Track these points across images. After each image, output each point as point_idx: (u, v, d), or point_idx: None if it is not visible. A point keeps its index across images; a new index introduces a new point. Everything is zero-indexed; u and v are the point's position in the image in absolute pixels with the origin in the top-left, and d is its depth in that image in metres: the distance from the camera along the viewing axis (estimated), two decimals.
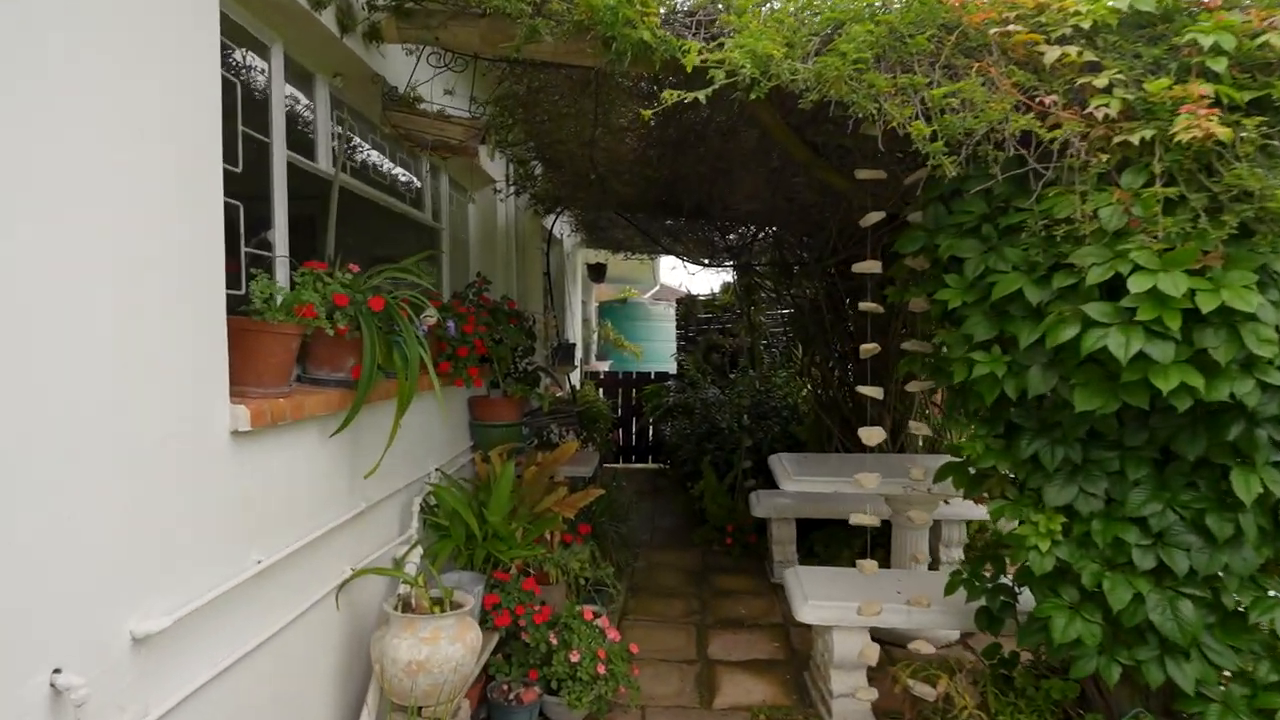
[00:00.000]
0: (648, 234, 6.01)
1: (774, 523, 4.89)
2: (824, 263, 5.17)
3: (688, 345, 9.10)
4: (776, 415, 6.50)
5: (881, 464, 4.17)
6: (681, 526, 6.17)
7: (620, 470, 8.55)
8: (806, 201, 4.13)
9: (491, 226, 4.69)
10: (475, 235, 4.66)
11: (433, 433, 3.28)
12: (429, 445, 3.22)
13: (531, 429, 4.55)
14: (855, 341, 5.50)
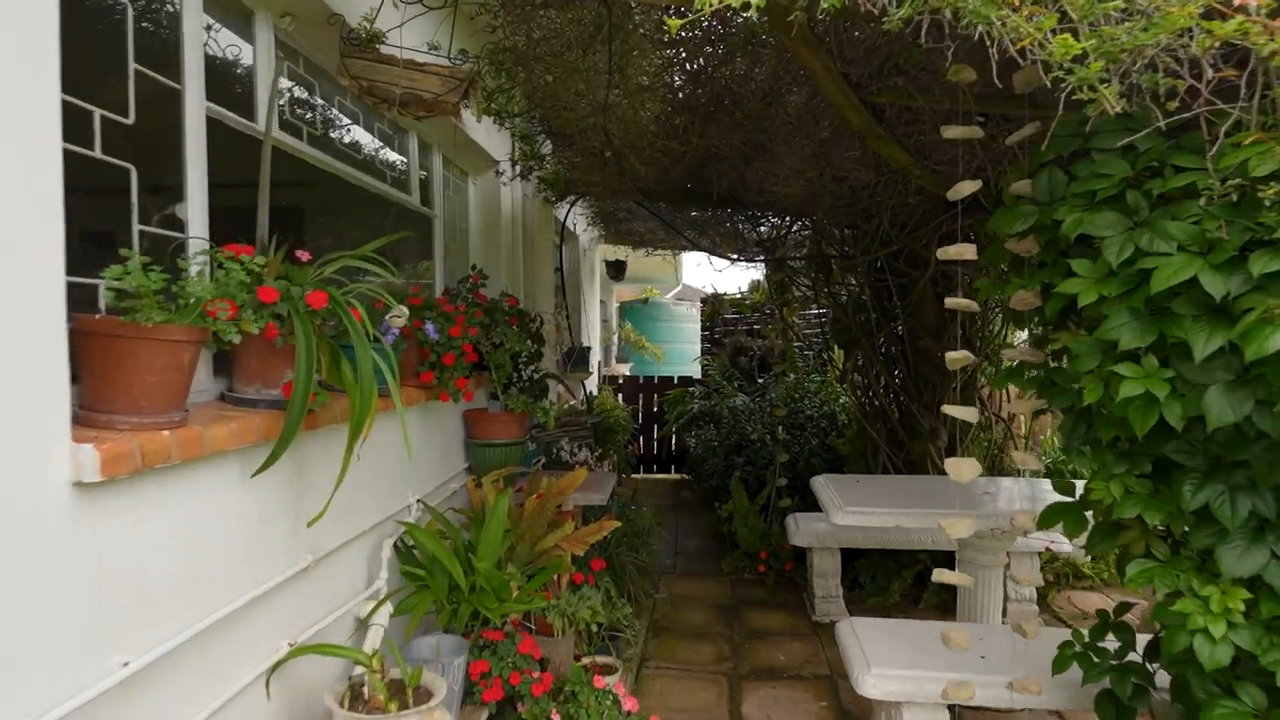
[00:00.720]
0: (671, 225, 5.43)
1: (815, 552, 4.29)
2: (871, 255, 4.55)
3: (713, 347, 8.50)
4: (813, 425, 5.88)
5: (944, 493, 3.55)
6: (708, 550, 5.57)
7: (640, 482, 7.98)
8: (858, 182, 3.52)
9: (494, 215, 4.14)
10: (476, 225, 4.11)
11: (412, 457, 2.73)
12: (407, 472, 2.67)
13: (539, 445, 3.98)
14: (905, 345, 4.87)
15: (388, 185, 3.03)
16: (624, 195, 4.62)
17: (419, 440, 2.80)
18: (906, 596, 4.56)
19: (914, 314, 4.82)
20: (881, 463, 4.91)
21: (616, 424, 5.64)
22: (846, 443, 5.39)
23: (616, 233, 6.75)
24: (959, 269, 4.61)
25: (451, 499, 3.14)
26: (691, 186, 4.54)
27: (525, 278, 4.55)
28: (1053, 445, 5.34)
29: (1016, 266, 2.24)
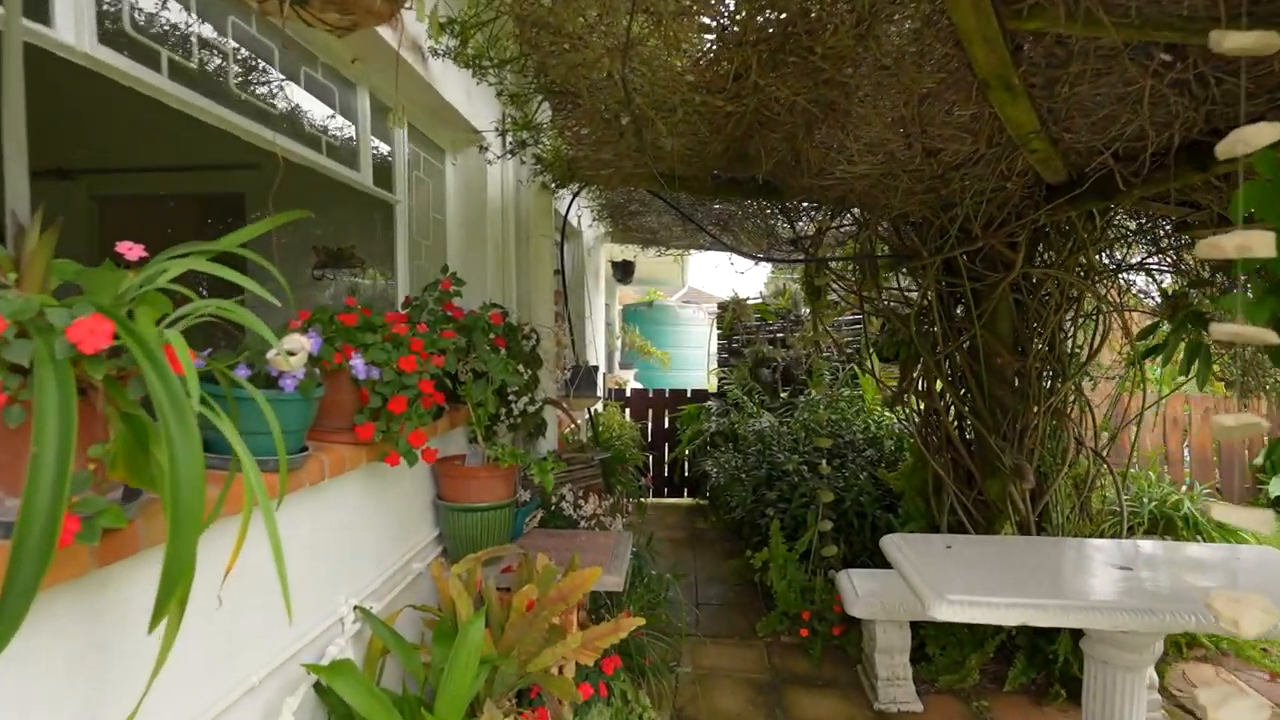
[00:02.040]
0: (692, 220, 4.59)
1: (879, 625, 3.44)
2: (948, 253, 3.70)
3: (731, 357, 7.66)
4: (858, 456, 5.04)
5: (1059, 563, 2.71)
6: (734, 602, 4.73)
7: (650, 508, 7.14)
8: (952, 159, 2.68)
9: (479, 204, 3.30)
10: (455, 217, 3.28)
11: (348, 541, 1.89)
12: (339, 565, 1.83)
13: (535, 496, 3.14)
14: (977, 362, 4.02)
15: (321, 155, 2.19)
16: (641, 182, 3.78)
17: (360, 517, 1.96)
18: (987, 673, 3.71)
19: (988, 326, 3.98)
20: (949, 504, 4.06)
21: (626, 451, 4.79)
22: (900, 477, 4.55)
23: (625, 228, 5.91)
24: (1050, 272, 3.77)
25: (413, 586, 2.30)
26: (724, 173, 3.70)
27: (518, 283, 3.71)
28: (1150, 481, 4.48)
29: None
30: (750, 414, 6.50)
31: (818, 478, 4.61)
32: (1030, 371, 3.90)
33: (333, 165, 2.26)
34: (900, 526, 4.26)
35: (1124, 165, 2.57)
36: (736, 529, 5.88)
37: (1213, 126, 2.21)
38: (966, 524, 4.00)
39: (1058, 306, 3.90)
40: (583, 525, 3.10)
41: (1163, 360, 3.59)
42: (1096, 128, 2.34)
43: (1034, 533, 3.89)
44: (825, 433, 4.83)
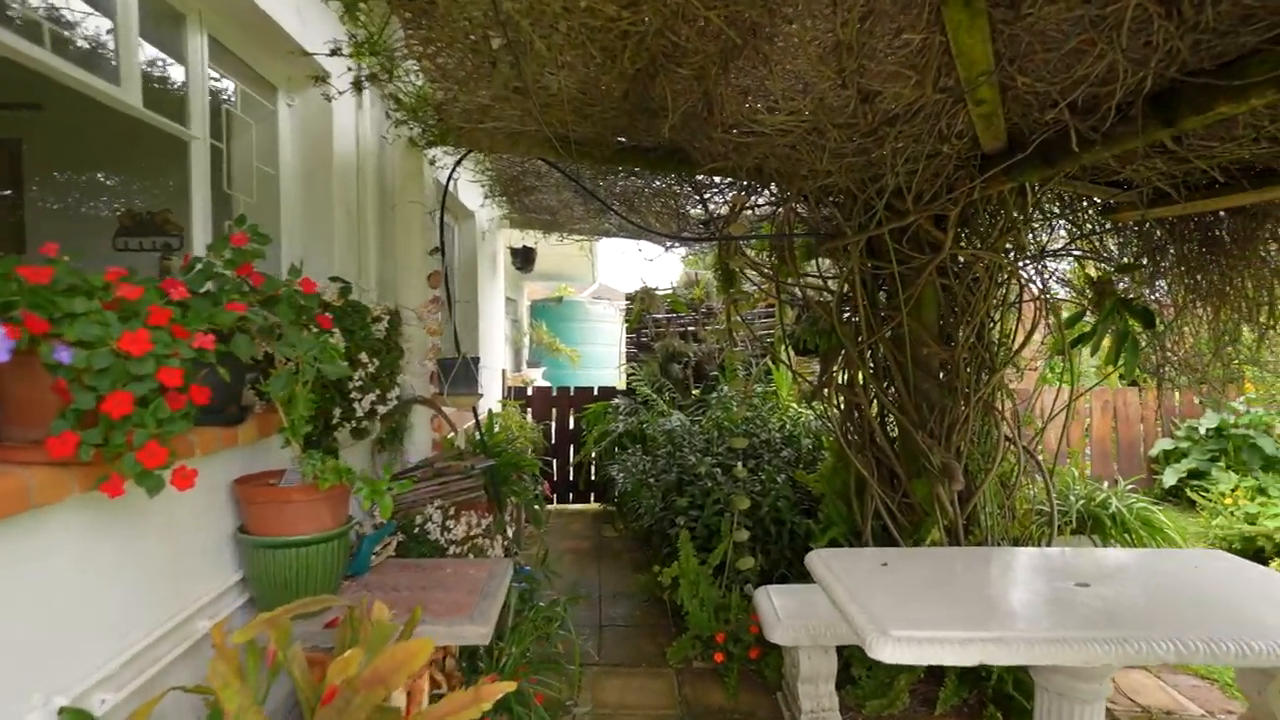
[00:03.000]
0: (594, 195, 4.06)
1: (803, 651, 3.02)
2: (873, 230, 3.33)
3: (640, 352, 7.20)
4: (774, 457, 4.65)
5: (1008, 577, 2.36)
6: (642, 622, 4.24)
7: (554, 515, 6.58)
8: (889, 109, 2.27)
9: (323, 157, 2.67)
10: (292, 171, 2.64)
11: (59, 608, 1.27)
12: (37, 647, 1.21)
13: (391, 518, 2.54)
14: (901, 353, 3.69)
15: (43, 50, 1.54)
16: (531, 147, 3.23)
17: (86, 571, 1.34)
18: (917, 695, 3.37)
19: (913, 313, 3.65)
20: (873, 508, 3.71)
21: (521, 460, 4.23)
22: (820, 479, 4.18)
23: (522, 209, 5.33)
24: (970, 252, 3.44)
25: (195, 653, 1.68)
26: (627, 138, 3.20)
27: (381, 259, 3.08)
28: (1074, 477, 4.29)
29: None
30: (660, 412, 6.05)
31: (732, 482, 4.19)
32: (958, 363, 3.59)
33: (65, 68, 1.60)
34: (821, 534, 3.89)
35: (1081, 119, 2.23)
36: (645, 538, 5.41)
37: (1191, 68, 1.87)
38: (891, 529, 3.66)
39: (986, 292, 3.61)
40: (452, 552, 2.53)
41: (1091, 349, 3.34)
42: (1058, 67, 1.97)
43: (963, 536, 3.58)
44: (740, 432, 4.42)
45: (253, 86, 2.45)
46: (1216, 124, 2.35)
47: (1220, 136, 2.46)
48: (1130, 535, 3.67)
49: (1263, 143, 2.34)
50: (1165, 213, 3.45)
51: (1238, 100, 1.87)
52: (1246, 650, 1.86)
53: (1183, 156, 2.58)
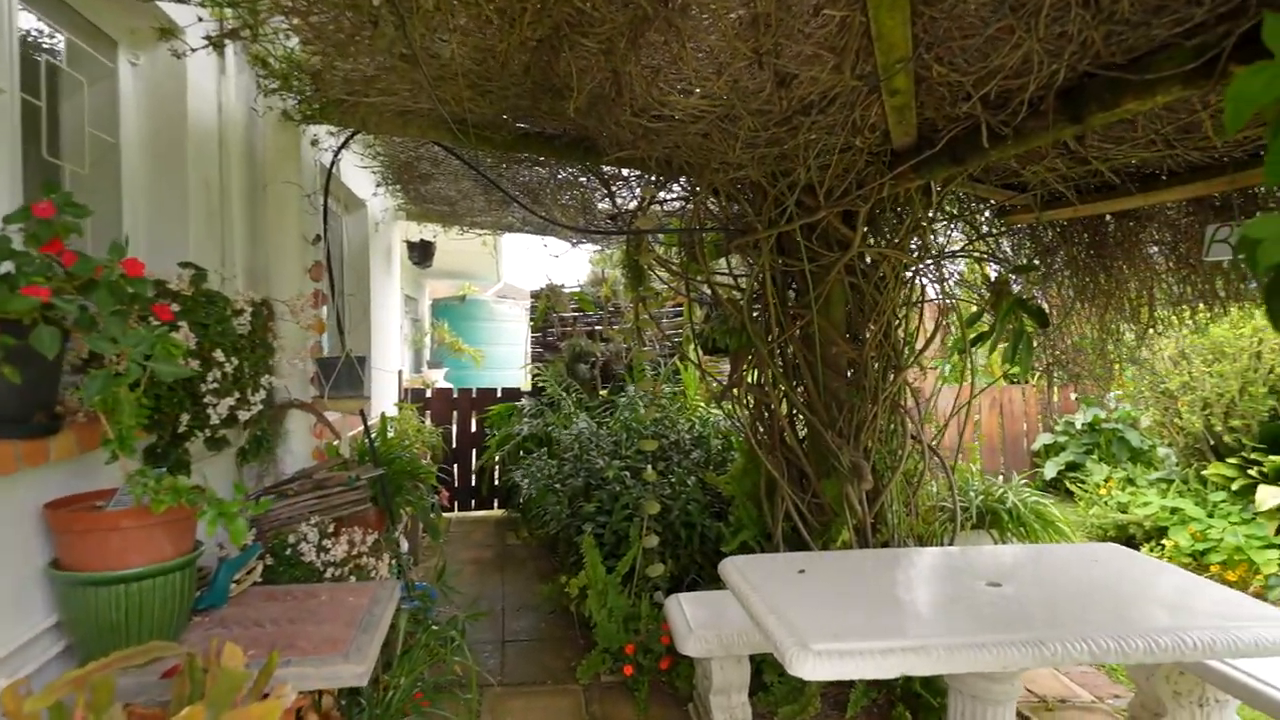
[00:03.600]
0: (495, 184, 3.82)
1: (716, 662, 2.90)
2: (784, 226, 3.26)
3: (546, 352, 6.96)
4: (683, 455, 4.55)
5: (924, 578, 2.32)
6: (549, 635, 4.03)
7: (455, 523, 6.26)
8: (806, 95, 2.17)
9: (176, 126, 2.33)
10: (137, 139, 2.28)
11: None
12: None
13: (255, 540, 2.23)
14: (811, 351, 3.64)
15: None
16: (424, 129, 2.97)
17: None
18: (828, 698, 3.33)
19: (822, 311, 3.61)
20: (785, 509, 3.65)
21: (417, 467, 3.93)
22: (730, 481, 4.09)
23: (419, 198, 5.00)
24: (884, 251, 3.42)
25: None
26: (529, 122, 2.99)
27: (250, 246, 2.74)
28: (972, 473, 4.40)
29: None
30: (567, 414, 5.85)
31: (642, 485, 4.04)
32: (866, 361, 3.58)
33: None
34: (732, 537, 3.80)
35: (993, 113, 2.20)
36: (551, 545, 5.20)
37: (1103, 61, 1.86)
38: (802, 529, 3.61)
39: (893, 291, 3.61)
40: (330, 575, 2.25)
41: (990, 348, 3.40)
42: (975, 56, 1.92)
43: (870, 535, 3.58)
44: (650, 434, 4.29)
45: (85, 38, 2.08)
46: (1116, 125, 2.39)
47: (1118, 138, 2.51)
48: (1026, 529, 3.78)
49: (1158, 144, 2.40)
50: (1058, 215, 3.55)
51: (1144, 96, 1.87)
52: (1154, 647, 1.86)
53: (1083, 158, 2.62)
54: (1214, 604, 2.11)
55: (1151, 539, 5.50)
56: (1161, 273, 3.53)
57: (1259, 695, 2.39)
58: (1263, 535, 4.85)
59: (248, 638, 1.70)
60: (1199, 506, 5.35)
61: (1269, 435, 5.36)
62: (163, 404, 1.78)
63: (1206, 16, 1.61)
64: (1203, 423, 5.66)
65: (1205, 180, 2.77)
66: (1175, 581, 2.34)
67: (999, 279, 3.68)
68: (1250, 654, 1.88)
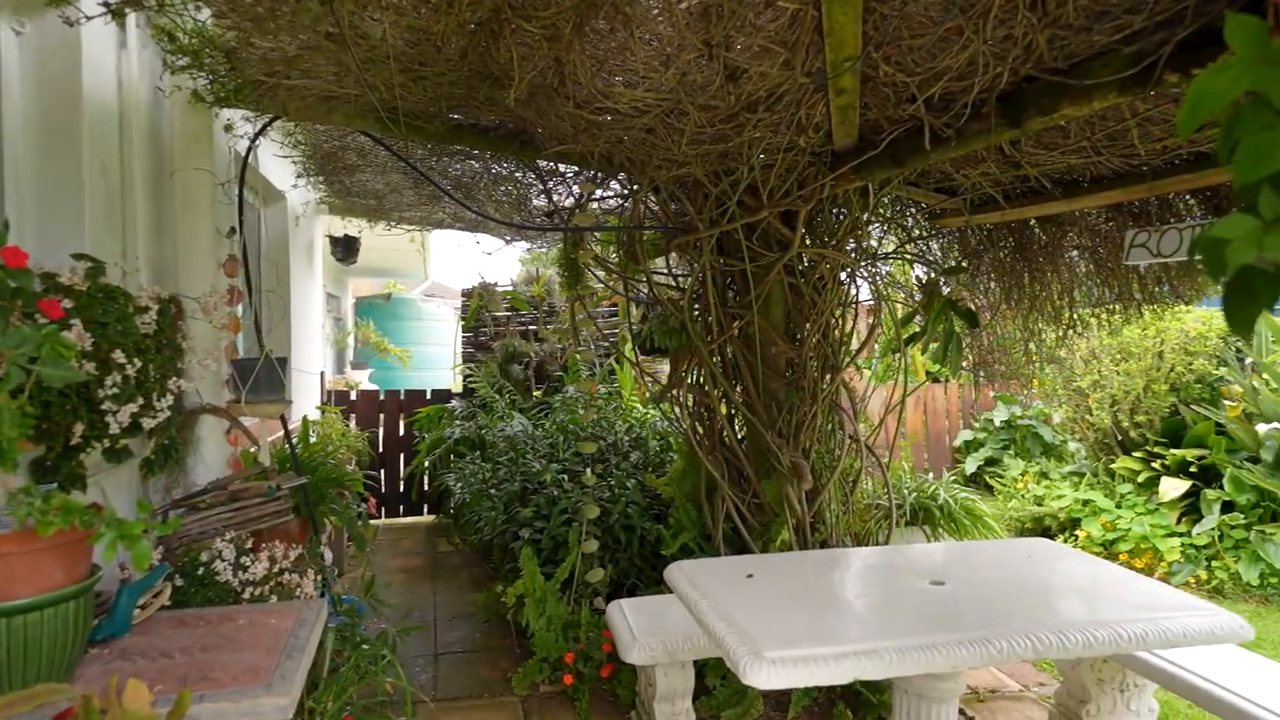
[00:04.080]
0: (427, 178, 3.65)
1: (660, 669, 2.84)
2: (726, 225, 3.23)
3: (478, 352, 6.78)
4: (621, 457, 4.48)
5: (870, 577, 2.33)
6: (485, 645, 3.90)
7: (383, 531, 6.01)
8: (752, 89, 2.14)
9: (68, 103, 2.10)
10: (24, 116, 2.05)
11: None
12: None
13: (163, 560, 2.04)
14: (751, 352, 3.64)
15: None
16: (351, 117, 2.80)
17: None
18: (770, 699, 3.32)
19: (762, 311, 3.62)
20: (726, 511, 3.64)
21: (342, 474, 3.73)
22: (670, 483, 4.05)
23: (344, 191, 4.76)
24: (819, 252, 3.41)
25: None
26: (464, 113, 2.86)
27: (157, 238, 2.52)
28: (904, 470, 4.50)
29: None
30: (500, 415, 5.69)
31: (580, 489, 3.95)
32: (805, 361, 3.60)
33: None
34: (672, 539, 3.76)
35: (935, 115, 2.22)
36: (485, 551, 5.05)
37: (1045, 65, 1.89)
38: (742, 530, 3.60)
39: (831, 292, 3.64)
40: (249, 595, 2.07)
41: (922, 348, 3.47)
42: (922, 56, 1.92)
43: (809, 534, 3.60)
44: (588, 435, 4.20)
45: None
46: (1050, 131, 2.46)
47: (1050, 144, 2.58)
48: (956, 524, 3.88)
49: (1087, 151, 2.48)
50: (986, 219, 3.66)
51: (1081, 102, 1.91)
52: (1092, 641, 1.91)
53: (1016, 162, 2.69)
54: (1143, 595, 2.18)
55: (1065, 529, 5.77)
56: (1082, 275, 3.68)
57: (1175, 679, 2.50)
58: (1166, 524, 5.15)
59: (155, 671, 1.53)
60: (1108, 498, 5.64)
61: (1170, 430, 5.70)
62: (53, 412, 1.59)
63: (1145, 24, 1.64)
64: (1111, 419, 5.97)
65: (1124, 187, 2.89)
66: (1104, 574, 2.42)
67: (930, 281, 3.78)
68: (1180, 644, 1.94)
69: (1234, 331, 1.04)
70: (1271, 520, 4.81)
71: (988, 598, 2.15)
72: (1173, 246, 2.71)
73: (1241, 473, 4.95)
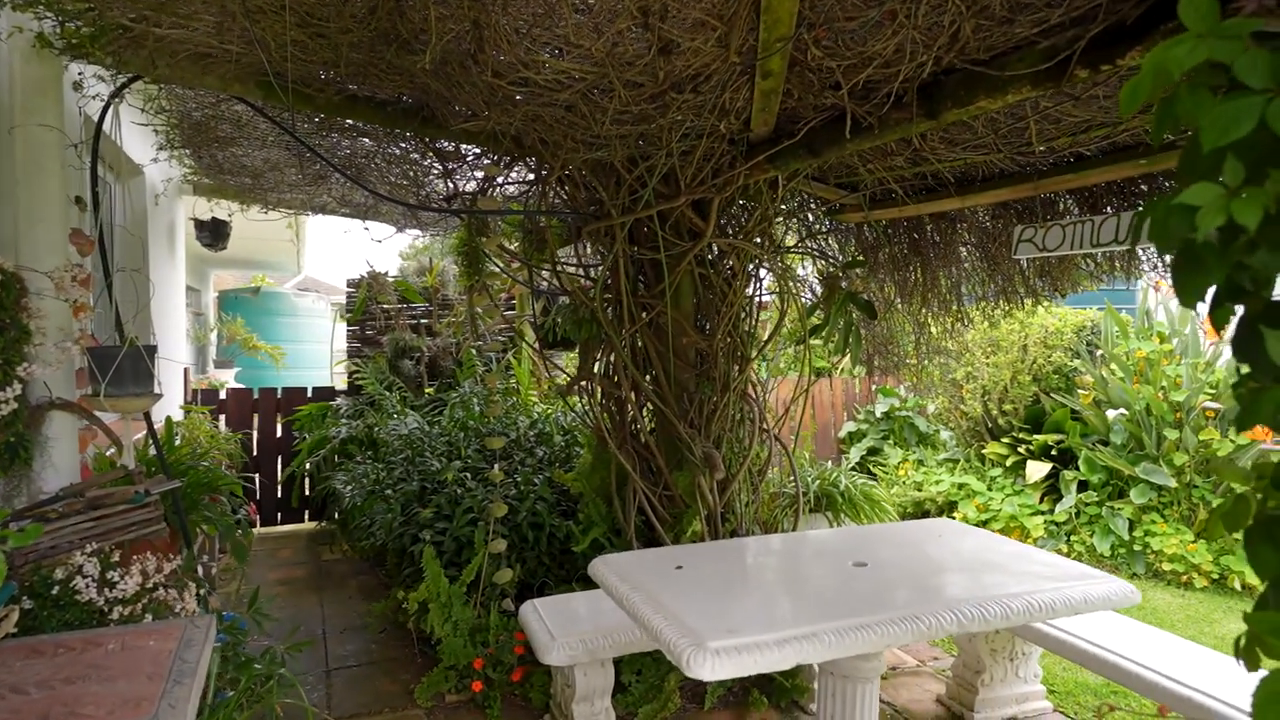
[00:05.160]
0: (315, 152, 3.35)
1: (579, 669, 2.74)
2: (642, 211, 3.17)
3: (365, 346, 6.39)
4: (526, 452, 4.33)
5: (793, 565, 2.34)
6: (383, 656, 3.64)
7: (259, 541, 5.53)
8: (683, 66, 2.09)
9: None
10: None
11: None
12: None
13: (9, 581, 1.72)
14: (661, 343, 3.61)
15: None
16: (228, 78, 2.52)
17: None
18: (685, 691, 3.29)
19: (673, 302, 3.59)
20: (639, 504, 3.58)
21: (216, 478, 3.37)
22: (579, 477, 3.95)
23: (214, 167, 4.31)
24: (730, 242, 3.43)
25: None
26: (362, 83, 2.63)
27: None
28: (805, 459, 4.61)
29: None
30: (392, 414, 5.38)
31: (486, 487, 3.78)
32: (716, 352, 3.60)
33: None
34: (582, 535, 3.67)
35: (857, 104, 2.25)
36: (378, 558, 4.75)
37: (969, 54, 1.95)
38: (654, 522, 3.56)
39: (741, 283, 3.67)
40: (118, 615, 1.79)
41: (824, 339, 3.56)
42: (852, 41, 1.93)
43: (720, 524, 3.61)
44: (492, 431, 4.03)
45: None
46: (956, 126, 2.56)
47: (952, 140, 2.70)
48: (857, 509, 4.02)
49: (988, 147, 2.60)
50: (884, 214, 3.80)
51: (996, 95, 1.98)
52: (1008, 611, 1.99)
53: (924, 157, 2.79)
54: (1045, 567, 2.31)
55: (943, 512, 6.14)
56: (969, 270, 3.90)
57: (1064, 644, 2.68)
58: (1031, 504, 5.58)
59: (6, 711, 1.28)
60: (980, 482, 6.06)
61: (1032, 417, 6.20)
62: None
63: (1061, 18, 1.72)
64: (982, 408, 6.42)
65: (1013, 186, 3.08)
66: (1006, 549, 2.55)
67: (831, 274, 3.89)
68: (1083, 610, 2.07)
69: (1184, 304, 1.07)
70: (1119, 497, 5.32)
71: (910, 576, 2.21)
72: (1056, 241, 2.91)
73: (1094, 454, 5.45)
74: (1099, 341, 6.01)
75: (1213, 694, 2.18)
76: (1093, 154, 2.78)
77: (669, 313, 3.51)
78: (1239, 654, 1.12)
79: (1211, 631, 4.02)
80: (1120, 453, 5.37)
